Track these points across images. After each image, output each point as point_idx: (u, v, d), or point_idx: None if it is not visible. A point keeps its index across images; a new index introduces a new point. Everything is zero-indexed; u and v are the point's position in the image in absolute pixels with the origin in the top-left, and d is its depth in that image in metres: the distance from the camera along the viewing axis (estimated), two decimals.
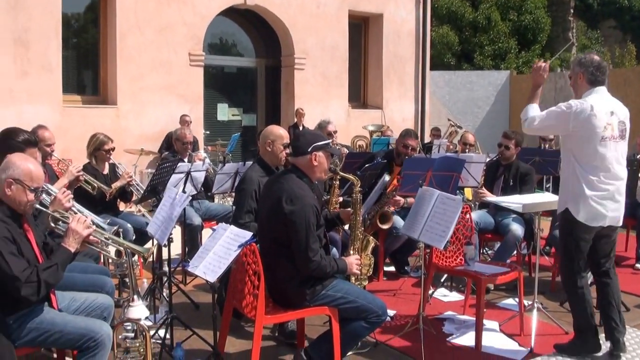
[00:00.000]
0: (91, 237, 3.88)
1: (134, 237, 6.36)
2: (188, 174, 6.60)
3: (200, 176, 6.82)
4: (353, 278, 4.63)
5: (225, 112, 14.24)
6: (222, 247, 4.11)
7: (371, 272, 4.85)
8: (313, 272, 4.12)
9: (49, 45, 11.03)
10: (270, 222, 4.24)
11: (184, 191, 5.72)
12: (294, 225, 4.06)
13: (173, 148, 8.14)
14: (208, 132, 13.23)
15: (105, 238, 4.02)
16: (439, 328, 5.49)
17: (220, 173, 7.03)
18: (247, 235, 4.08)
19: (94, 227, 3.94)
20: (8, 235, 3.48)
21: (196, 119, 12.60)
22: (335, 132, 7.80)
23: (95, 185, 6.30)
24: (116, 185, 6.62)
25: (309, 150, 4.27)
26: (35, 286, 3.49)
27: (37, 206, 3.82)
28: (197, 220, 7.03)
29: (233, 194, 7.39)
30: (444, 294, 6.50)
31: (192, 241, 7.00)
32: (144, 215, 9.06)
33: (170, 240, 4.92)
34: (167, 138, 11.84)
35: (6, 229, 3.49)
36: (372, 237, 4.81)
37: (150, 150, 11.61)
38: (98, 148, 6.69)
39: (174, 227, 4.78)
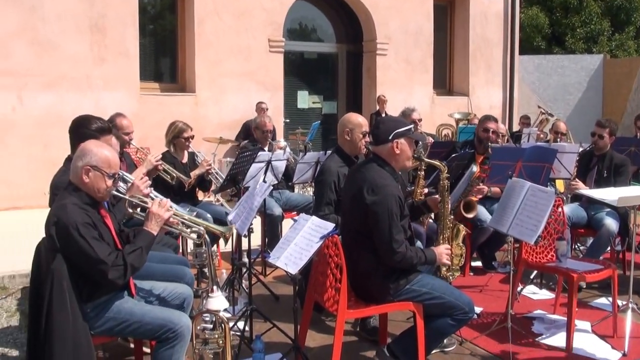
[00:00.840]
0: (171, 219, 3.95)
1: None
2: (268, 163, 6.65)
3: (280, 165, 6.88)
4: (444, 269, 4.56)
5: (305, 100, 14.30)
6: (303, 239, 4.12)
7: (463, 263, 4.76)
8: (399, 264, 4.08)
9: (125, 31, 11.31)
10: (352, 214, 4.23)
11: (264, 181, 5.76)
12: (376, 215, 4.04)
13: (251, 137, 8.20)
14: (288, 120, 13.32)
15: (186, 219, 4.08)
16: (528, 327, 5.38)
17: (301, 162, 7.08)
18: (329, 226, 4.08)
19: (174, 209, 4.01)
20: (89, 221, 3.57)
21: (276, 106, 12.70)
22: (420, 120, 7.70)
23: (174, 174, 6.42)
24: (195, 173, 6.73)
25: (390, 137, 4.23)
26: (122, 269, 3.58)
27: (115, 193, 3.91)
28: (277, 210, 7.09)
29: (314, 184, 7.43)
30: (533, 292, 6.37)
31: (272, 232, 7.07)
32: (222, 205, 9.25)
33: (250, 231, 4.97)
34: (245, 126, 12.01)
35: (87, 215, 3.58)
36: (462, 225, 4.72)
37: (228, 138, 11.77)
38: (177, 136, 6.79)
39: (255, 217, 4.81)
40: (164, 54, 12.51)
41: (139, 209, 4.12)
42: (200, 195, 7.30)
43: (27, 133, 10.54)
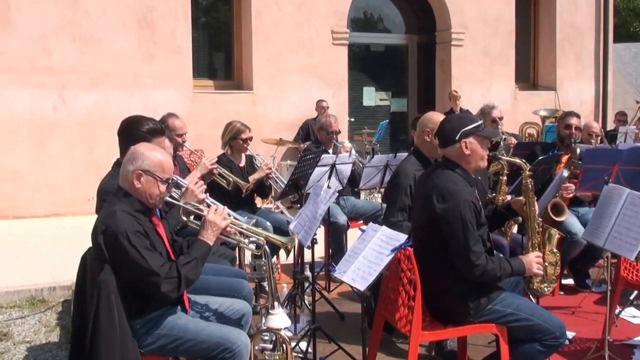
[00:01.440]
0: (228, 228, 3.99)
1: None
2: (333, 167, 6.68)
3: (346, 169, 6.89)
4: (536, 280, 4.48)
5: (372, 97, 14.31)
6: (372, 251, 4.11)
7: (558, 272, 4.67)
8: (480, 278, 4.03)
9: (177, 25, 11.51)
10: (423, 224, 4.24)
11: (328, 186, 5.78)
12: (448, 225, 4.02)
13: (313, 137, 8.23)
14: (353, 119, 13.36)
15: (244, 229, 4.12)
16: (628, 356, 5.23)
17: (368, 166, 7.09)
18: (402, 237, 4.06)
19: (232, 217, 4.05)
20: (140, 229, 3.62)
21: (340, 104, 12.77)
22: (501, 118, 7.61)
23: (231, 179, 6.50)
24: (254, 178, 6.82)
25: (457, 137, 4.21)
26: (176, 282, 3.62)
27: (168, 199, 3.98)
28: (342, 218, 7.11)
29: (382, 190, 7.41)
30: (633, 315, 6.20)
31: (336, 242, 7.10)
32: (282, 213, 9.31)
33: (314, 242, 4.99)
34: (305, 126, 12.13)
35: (138, 223, 3.63)
36: (554, 229, 4.62)
37: (288, 140, 11.88)
38: (234, 137, 6.89)
39: (319, 226, 4.84)
40: (218, 49, 12.68)
41: (193, 217, 4.17)
42: (259, 202, 7.36)
43: (70, 134, 10.82)
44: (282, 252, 6.72)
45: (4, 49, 10.40)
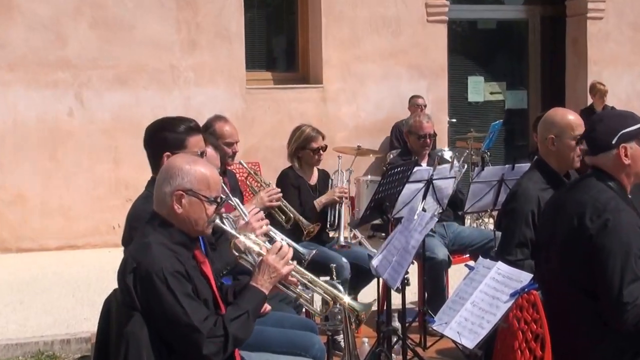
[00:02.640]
0: (290, 277, 3.99)
1: (349, 276, 6.50)
2: (429, 183, 6.65)
3: (447, 187, 6.86)
4: None
5: (479, 89, 14.23)
6: (484, 295, 4.07)
7: None
8: (635, 328, 3.95)
9: (225, 5, 11.64)
10: (564, 255, 4.17)
11: (423, 209, 5.76)
12: (603, 251, 3.96)
13: (403, 145, 8.20)
14: (454, 119, 13.30)
15: (308, 281, 4.12)
16: None
17: (476, 182, 7.00)
18: (525, 277, 4.00)
19: (295, 263, 4.04)
20: (182, 269, 3.63)
21: (437, 100, 12.73)
22: None
23: (292, 216, 6.59)
24: (320, 201, 6.93)
25: (614, 141, 4.15)
26: (221, 342, 3.62)
27: (219, 224, 4.01)
28: (442, 252, 7.02)
29: (494, 213, 7.32)
30: None
31: (434, 283, 7.06)
32: (361, 244, 9.27)
33: (405, 283, 4.96)
34: (396, 130, 12.08)
35: (178, 261, 3.65)
36: None
37: (370, 148, 11.78)
38: (303, 146, 6.98)
39: (411, 262, 4.81)
40: (278, 33, 12.84)
41: (247, 253, 4.19)
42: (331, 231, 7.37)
43: (90, 145, 11.00)
44: (363, 296, 6.81)
45: (5, 40, 10.64)
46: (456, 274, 7.54)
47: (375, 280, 6.46)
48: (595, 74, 13.53)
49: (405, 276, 4.95)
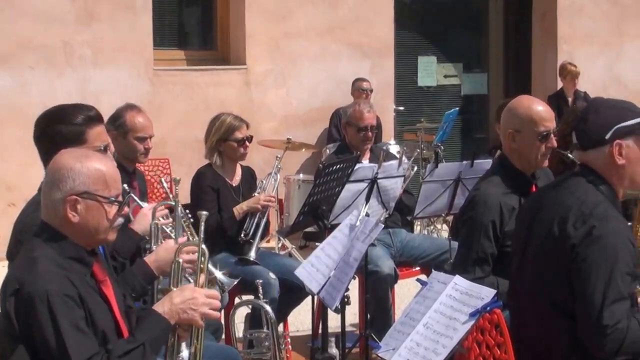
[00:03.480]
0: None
1: (278, 295, 6.50)
2: (373, 182, 6.66)
3: (393, 187, 6.91)
4: None
5: (432, 72, 14.35)
6: (440, 316, 4.06)
7: None
8: (610, 354, 3.99)
9: None
10: (539, 267, 4.21)
11: (367, 214, 5.75)
12: (584, 264, 4.00)
13: (343, 139, 8.22)
14: (402, 107, 13.36)
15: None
16: None
17: (428, 181, 7.05)
18: (487, 293, 3.99)
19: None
20: (72, 292, 3.56)
21: (382, 84, 12.79)
22: None
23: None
24: (241, 208, 6.91)
25: (608, 136, 4.16)
26: None
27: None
28: (387, 265, 7.03)
29: (450, 218, 7.36)
30: None
31: (379, 302, 7.05)
32: (291, 255, 9.27)
33: (345, 302, 4.95)
34: (336, 119, 12.04)
35: (69, 283, 3.58)
36: None
37: (303, 142, 11.82)
38: (225, 138, 6.96)
39: (353, 278, 4.81)
40: (192, 3, 12.80)
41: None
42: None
43: None
44: (294, 318, 6.78)
45: None
46: (403, 290, 7.60)
47: (309, 299, 6.48)
48: (565, 54, 13.76)
49: (346, 294, 4.91)
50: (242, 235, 6.98)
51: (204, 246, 4.11)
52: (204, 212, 4.15)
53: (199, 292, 3.89)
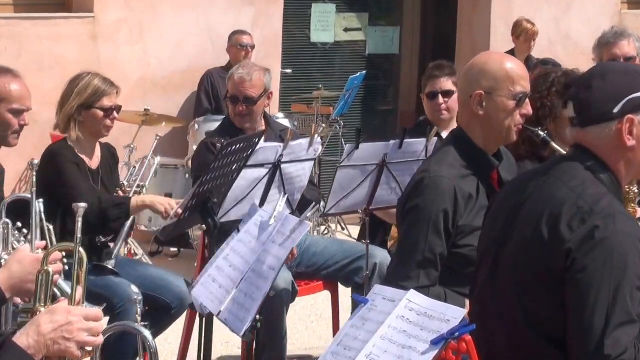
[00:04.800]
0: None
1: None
2: (276, 168, 6.70)
3: (299, 174, 6.99)
4: None
5: (329, 25, 14.43)
6: (389, 344, 4.00)
7: None
8: None
9: None
10: (519, 278, 4.22)
11: (292, 209, 5.78)
12: (583, 276, 4.00)
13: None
14: (289, 70, 13.45)
15: None
16: None
17: (345, 166, 7.11)
18: (454, 314, 3.97)
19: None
20: None
21: (266, 40, 12.89)
22: (632, 58, 7.76)
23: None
24: (141, 203, 6.93)
25: (617, 110, 4.16)
26: None
27: None
28: (281, 277, 6.92)
29: (364, 214, 7.41)
30: None
31: (271, 326, 7.04)
32: (143, 261, 9.23)
33: (255, 326, 4.98)
34: (206, 82, 12.18)
35: None
36: None
37: (164, 114, 11.91)
38: (89, 104, 6.98)
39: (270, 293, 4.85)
40: None
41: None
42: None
43: None
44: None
45: None
46: (302, 310, 7.65)
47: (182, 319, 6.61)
48: (501, 4, 13.92)
49: (256, 318, 4.93)
50: (101, 237, 6.96)
51: (81, 249, 4.03)
52: (82, 205, 4.07)
53: (74, 314, 3.80)
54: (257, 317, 4.98)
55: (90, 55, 11.96)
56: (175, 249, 11.15)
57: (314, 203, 6.66)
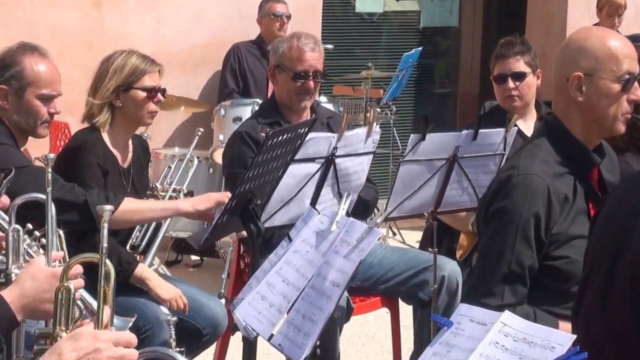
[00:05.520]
0: None
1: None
2: (330, 162, 6.61)
3: (357, 170, 6.93)
4: None
5: None
6: None
7: None
8: None
9: None
10: (635, 294, 4.13)
11: (347, 213, 5.69)
12: None
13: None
14: (332, 45, 13.36)
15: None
16: None
17: (408, 161, 7.02)
18: (560, 339, 3.90)
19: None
20: None
21: (302, 10, 12.89)
22: None
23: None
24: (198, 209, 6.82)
25: None
26: None
27: None
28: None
29: (433, 218, 7.33)
30: None
31: (323, 352, 6.96)
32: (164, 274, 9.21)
33: (315, 353, 4.94)
34: (232, 59, 12.17)
35: None
36: None
37: (183, 96, 11.95)
38: (128, 85, 6.92)
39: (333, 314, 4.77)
40: None
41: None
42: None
43: None
44: None
45: None
46: (351, 329, 7.60)
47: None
48: None
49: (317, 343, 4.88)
50: (128, 247, 6.92)
51: (108, 262, 4.03)
52: (108, 207, 4.06)
53: (102, 339, 3.76)
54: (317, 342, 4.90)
55: (93, 26, 12.10)
56: (197, 258, 11.15)
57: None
